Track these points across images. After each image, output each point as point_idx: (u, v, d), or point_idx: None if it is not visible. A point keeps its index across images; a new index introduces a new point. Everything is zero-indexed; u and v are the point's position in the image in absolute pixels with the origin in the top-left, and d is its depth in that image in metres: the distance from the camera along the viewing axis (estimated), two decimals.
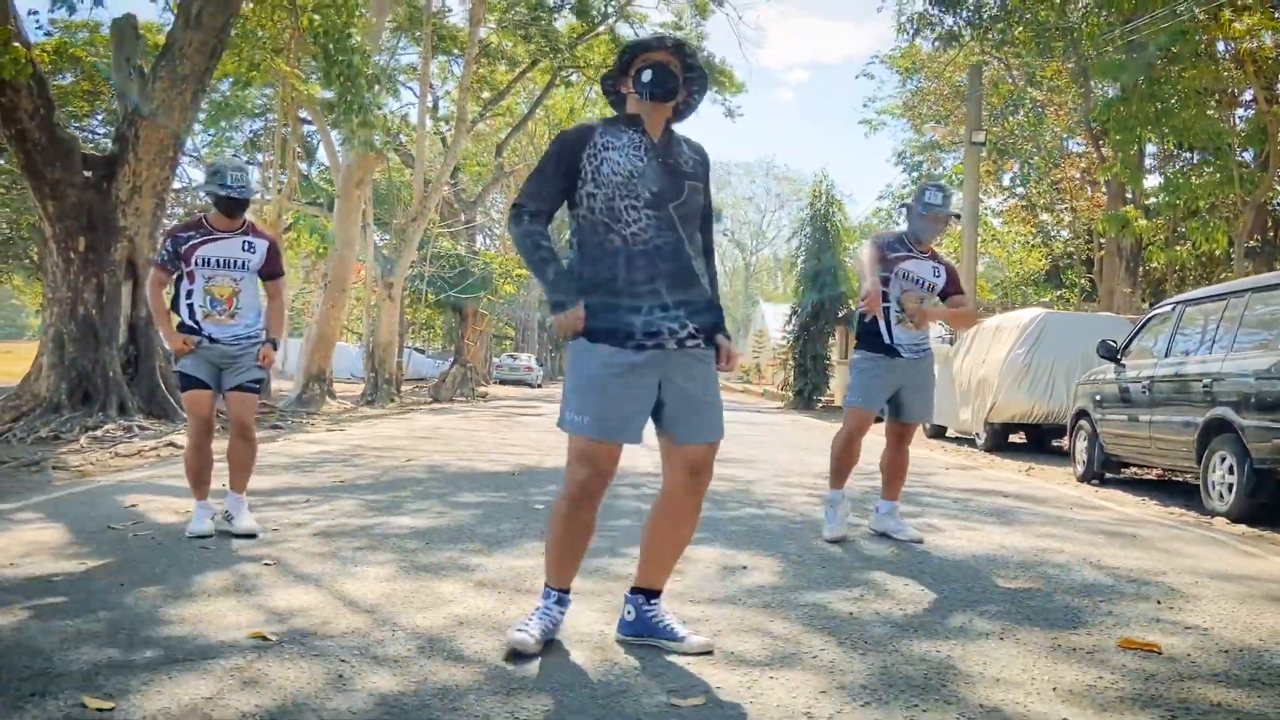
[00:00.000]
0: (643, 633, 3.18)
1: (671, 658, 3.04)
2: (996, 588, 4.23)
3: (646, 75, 3.07)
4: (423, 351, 42.75)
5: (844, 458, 5.28)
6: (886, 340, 5.20)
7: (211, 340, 4.86)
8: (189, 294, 4.86)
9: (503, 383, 38.75)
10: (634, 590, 3.24)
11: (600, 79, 3.26)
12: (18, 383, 12.04)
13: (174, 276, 4.96)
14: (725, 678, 2.87)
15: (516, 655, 2.99)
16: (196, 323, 4.85)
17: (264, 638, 3.09)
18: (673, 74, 3.10)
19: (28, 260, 31.08)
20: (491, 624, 3.36)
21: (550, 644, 3.13)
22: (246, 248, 4.93)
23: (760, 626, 3.47)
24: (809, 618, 3.60)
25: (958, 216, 5.76)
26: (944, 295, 5.40)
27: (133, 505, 5.76)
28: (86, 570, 4.02)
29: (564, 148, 3.12)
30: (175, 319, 4.97)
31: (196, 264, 4.83)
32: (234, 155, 6.12)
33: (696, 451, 3.09)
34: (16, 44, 10.21)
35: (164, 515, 5.42)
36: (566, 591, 3.19)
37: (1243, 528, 6.69)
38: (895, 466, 5.37)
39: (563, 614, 3.17)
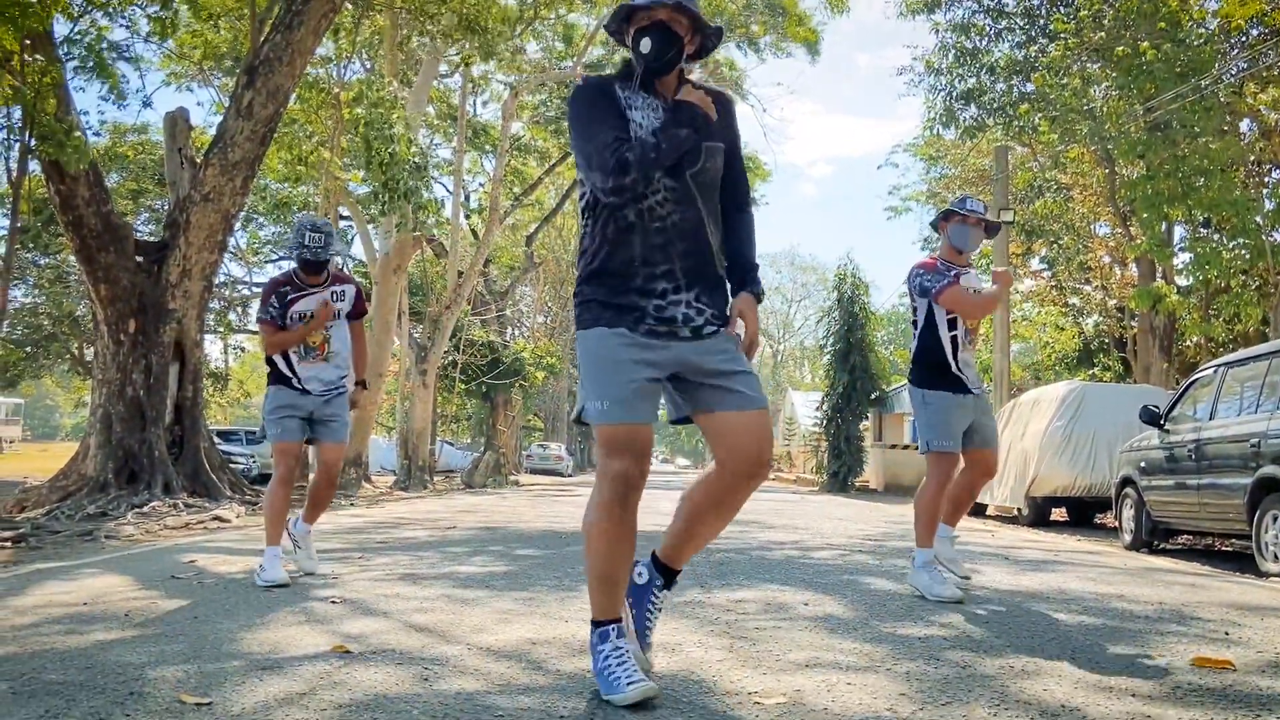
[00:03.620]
0: (630, 599, 2.93)
1: (745, 662, 3.06)
2: (1062, 619, 4.20)
3: (645, 45, 2.78)
4: (452, 444, 42.89)
5: (935, 509, 4.91)
6: (955, 369, 4.93)
7: (305, 391, 5.16)
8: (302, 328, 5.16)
9: (533, 472, 38.78)
10: (654, 560, 3.00)
11: (605, 25, 2.97)
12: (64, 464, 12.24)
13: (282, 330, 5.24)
14: (803, 682, 2.89)
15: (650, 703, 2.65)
16: (293, 369, 5.16)
17: (346, 650, 3.14)
18: (674, 37, 2.78)
19: (68, 355, 31.75)
20: (563, 644, 3.40)
21: None
22: (336, 297, 5.26)
23: (831, 645, 3.48)
24: (878, 639, 3.61)
25: (997, 225, 5.45)
26: None
27: (192, 561, 5.83)
28: (160, 607, 4.09)
29: (603, 92, 2.84)
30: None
31: (292, 318, 5.15)
32: (319, 217, 6.47)
33: (754, 419, 2.79)
34: (78, 134, 10.68)
35: (225, 567, 5.50)
36: (620, 621, 2.78)
37: None
38: (969, 493, 5.09)
39: (629, 645, 2.78)
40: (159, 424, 11.79)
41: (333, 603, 4.24)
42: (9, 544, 7.36)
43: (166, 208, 17.11)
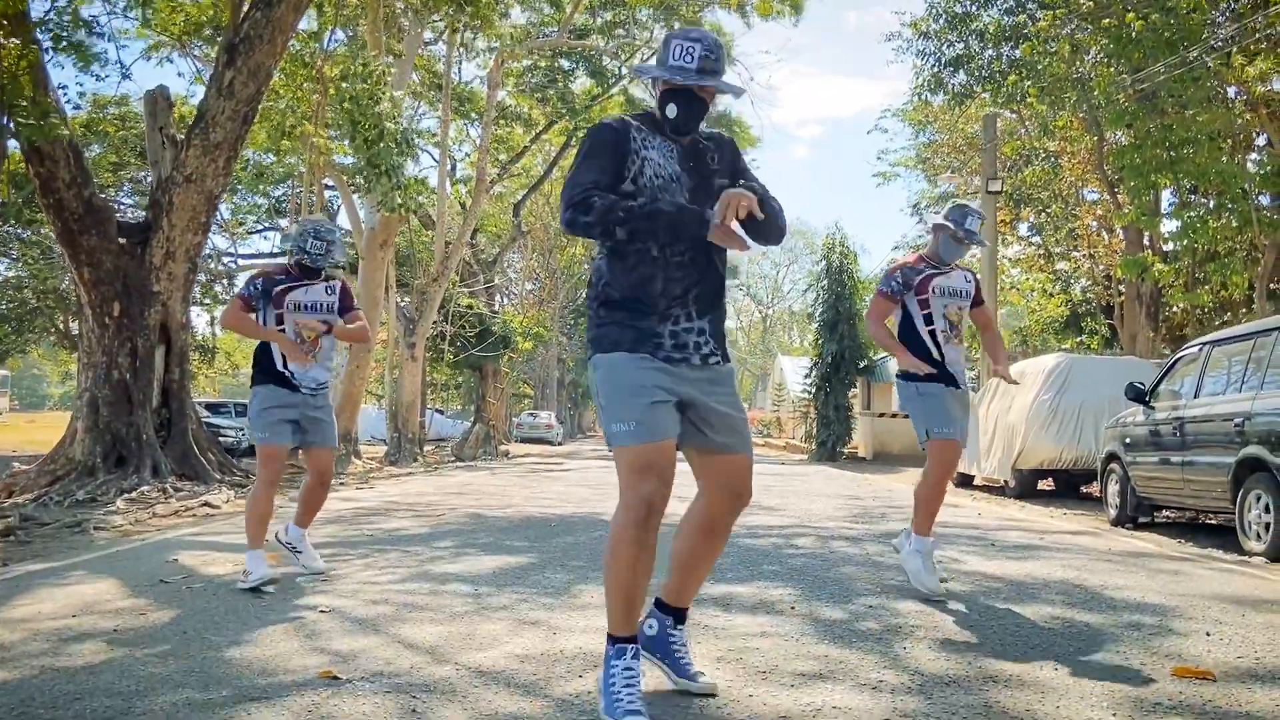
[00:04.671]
0: (656, 652, 3.07)
1: (733, 681, 3.09)
2: (1045, 621, 4.25)
3: (671, 111, 2.92)
4: (442, 412, 42.91)
5: (938, 498, 4.95)
6: (939, 360, 4.95)
7: (294, 389, 5.09)
8: (281, 333, 5.09)
9: (524, 440, 38.86)
10: (660, 606, 3.12)
11: (637, 68, 3.16)
12: (52, 447, 12.21)
13: (250, 313, 5.14)
14: (789, 705, 2.92)
15: None
16: (285, 364, 5.06)
17: (334, 676, 3.16)
18: (699, 103, 2.94)
19: (53, 330, 31.62)
20: (552, 662, 3.42)
21: None
22: (329, 291, 5.23)
23: (817, 654, 3.51)
24: (864, 645, 3.64)
25: (984, 244, 5.57)
26: (973, 303, 5.19)
27: (181, 560, 5.84)
28: (148, 621, 4.10)
29: (613, 136, 2.93)
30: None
31: (289, 307, 5.09)
32: (325, 222, 6.50)
33: (740, 462, 2.99)
34: (55, 113, 10.54)
35: (214, 568, 5.51)
36: (636, 641, 2.85)
37: None
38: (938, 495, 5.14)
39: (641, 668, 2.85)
40: (146, 407, 11.75)
41: (321, 611, 4.26)
42: None
43: (149, 180, 16.97)
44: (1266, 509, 7.24)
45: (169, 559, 5.91)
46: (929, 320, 4.99)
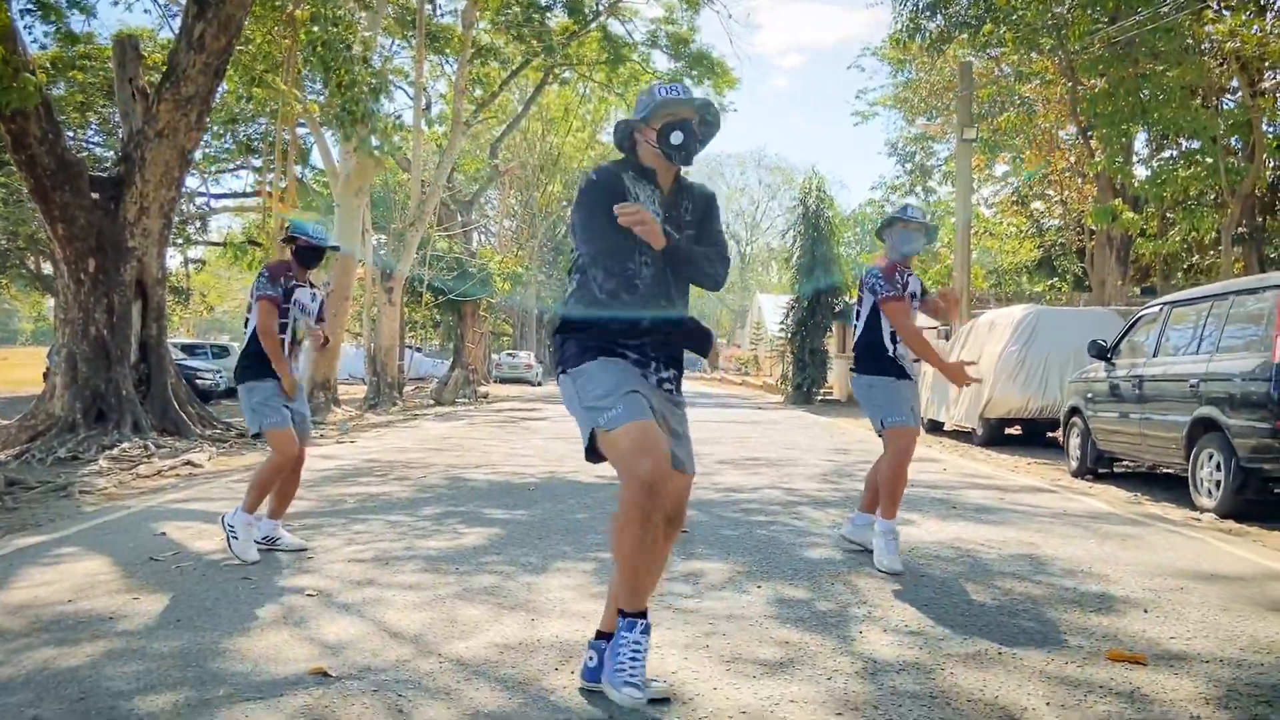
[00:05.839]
0: (601, 680, 3.14)
1: (699, 672, 3.32)
2: (994, 600, 4.50)
3: (677, 138, 3.09)
4: (420, 350, 42.98)
5: (900, 482, 5.20)
6: (892, 355, 5.23)
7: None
8: (280, 329, 5.41)
9: (503, 381, 38.95)
10: (599, 635, 3.22)
11: (616, 125, 3.27)
12: (22, 395, 12.27)
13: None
14: (749, 700, 3.14)
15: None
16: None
17: (325, 673, 3.36)
18: (697, 135, 3.15)
19: (24, 271, 31.37)
20: (530, 649, 3.64)
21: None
22: (313, 299, 5.63)
23: (778, 640, 3.74)
24: (822, 633, 3.87)
25: (935, 229, 5.84)
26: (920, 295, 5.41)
27: (169, 534, 6.01)
28: (141, 606, 4.28)
29: (606, 193, 3.09)
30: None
31: (295, 304, 5.47)
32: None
33: (680, 480, 3.14)
34: (27, 74, 10.43)
35: (200, 543, 5.70)
36: (645, 614, 3.06)
37: (1230, 523, 6.99)
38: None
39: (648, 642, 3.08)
40: (124, 363, 11.84)
41: (308, 595, 4.46)
42: None
43: (117, 121, 16.71)
44: (1218, 467, 7.56)
45: (157, 531, 6.09)
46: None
